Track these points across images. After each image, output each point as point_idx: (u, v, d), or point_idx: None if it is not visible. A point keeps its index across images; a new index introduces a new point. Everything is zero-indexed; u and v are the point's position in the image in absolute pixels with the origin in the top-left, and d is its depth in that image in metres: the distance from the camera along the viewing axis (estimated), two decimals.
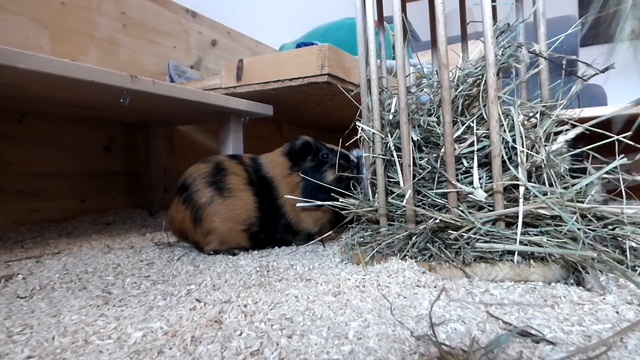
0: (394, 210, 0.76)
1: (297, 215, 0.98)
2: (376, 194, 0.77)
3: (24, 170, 1.27)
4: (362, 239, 0.77)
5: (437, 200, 0.71)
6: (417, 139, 0.73)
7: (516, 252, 0.62)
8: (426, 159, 0.72)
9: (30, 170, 1.29)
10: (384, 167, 0.76)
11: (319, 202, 0.88)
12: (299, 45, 1.55)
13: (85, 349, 0.43)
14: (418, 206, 0.72)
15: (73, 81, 0.85)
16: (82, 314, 0.53)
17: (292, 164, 0.99)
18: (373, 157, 0.77)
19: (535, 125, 0.72)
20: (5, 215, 1.22)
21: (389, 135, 0.76)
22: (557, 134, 0.71)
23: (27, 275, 0.74)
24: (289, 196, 0.95)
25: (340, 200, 0.83)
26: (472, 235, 0.65)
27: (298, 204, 0.93)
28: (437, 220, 0.67)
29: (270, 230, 0.97)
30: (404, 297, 0.57)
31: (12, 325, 0.50)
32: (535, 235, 0.63)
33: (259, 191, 0.96)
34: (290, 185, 0.97)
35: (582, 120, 0.70)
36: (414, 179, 0.72)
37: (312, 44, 1.40)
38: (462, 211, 0.67)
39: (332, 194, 0.88)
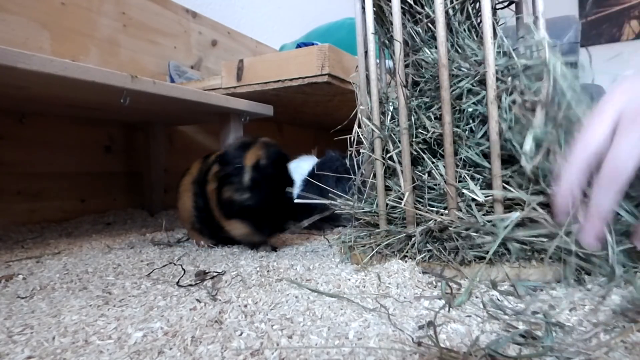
0: (390, 212, 0.76)
1: (224, 221, 0.88)
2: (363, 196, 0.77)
3: (24, 171, 1.27)
4: (361, 240, 0.77)
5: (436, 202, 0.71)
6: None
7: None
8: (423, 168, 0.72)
9: (30, 170, 1.29)
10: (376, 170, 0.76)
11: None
12: (299, 46, 1.55)
13: (85, 349, 0.43)
14: (417, 208, 0.72)
15: (73, 81, 0.85)
16: (83, 314, 0.53)
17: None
18: (367, 153, 0.77)
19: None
20: (5, 215, 1.22)
21: (389, 141, 0.76)
22: None
23: (28, 275, 0.74)
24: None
25: (338, 200, 0.82)
26: (471, 233, 0.65)
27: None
28: (436, 221, 0.67)
29: (210, 229, 0.95)
30: (404, 297, 0.57)
31: (13, 325, 0.50)
32: (535, 236, 0.63)
33: (197, 190, 0.95)
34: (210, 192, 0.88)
35: None
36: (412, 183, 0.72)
37: (312, 44, 1.40)
38: (462, 210, 0.67)
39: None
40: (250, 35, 2.34)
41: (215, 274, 0.70)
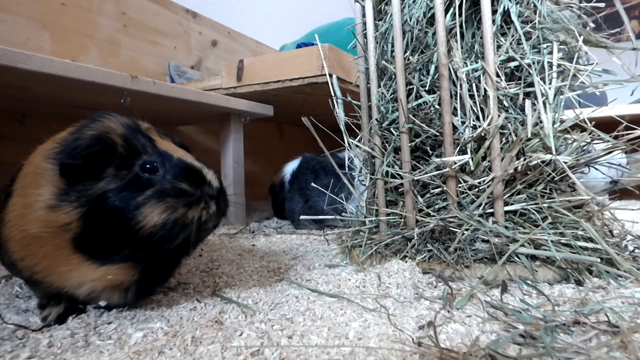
0: (390, 214, 0.76)
1: (46, 265, 0.48)
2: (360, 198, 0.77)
3: None
4: (361, 241, 0.77)
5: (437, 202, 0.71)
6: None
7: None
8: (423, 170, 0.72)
9: None
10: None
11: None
12: (299, 46, 1.55)
13: (86, 349, 0.43)
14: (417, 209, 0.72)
15: (73, 81, 0.85)
16: (83, 314, 0.53)
17: (70, 181, 0.49)
18: (364, 150, 0.77)
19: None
20: None
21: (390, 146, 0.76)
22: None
23: None
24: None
25: (342, 214, 0.82)
26: (470, 234, 0.65)
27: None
28: (436, 223, 0.67)
29: None
30: (404, 298, 0.57)
31: None
32: (540, 235, 0.63)
33: None
34: (47, 223, 0.47)
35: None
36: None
37: (313, 44, 1.40)
38: (460, 206, 0.67)
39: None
40: (250, 36, 2.34)
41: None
